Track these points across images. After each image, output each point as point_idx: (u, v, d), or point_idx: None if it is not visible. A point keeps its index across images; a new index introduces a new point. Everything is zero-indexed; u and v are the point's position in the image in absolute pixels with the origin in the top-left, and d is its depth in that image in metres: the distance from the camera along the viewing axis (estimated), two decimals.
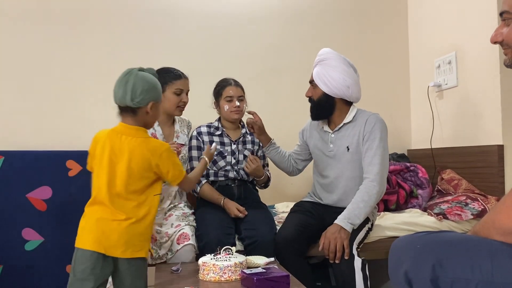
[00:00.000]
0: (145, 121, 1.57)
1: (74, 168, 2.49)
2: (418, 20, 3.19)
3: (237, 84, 2.35)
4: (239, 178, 2.33)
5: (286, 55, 3.10)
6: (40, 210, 2.42)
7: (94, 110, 2.79)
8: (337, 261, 1.90)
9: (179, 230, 2.04)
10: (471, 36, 2.61)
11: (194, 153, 2.32)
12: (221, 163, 2.31)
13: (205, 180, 2.30)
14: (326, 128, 2.22)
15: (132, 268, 1.48)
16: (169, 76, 2.15)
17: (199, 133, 2.35)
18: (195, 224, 2.16)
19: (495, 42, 1.18)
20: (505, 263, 0.97)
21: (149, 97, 1.53)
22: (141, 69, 1.55)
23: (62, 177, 2.46)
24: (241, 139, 2.39)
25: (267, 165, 2.50)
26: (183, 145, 2.30)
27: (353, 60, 2.20)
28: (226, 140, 2.35)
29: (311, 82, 2.19)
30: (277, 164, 2.38)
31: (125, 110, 1.54)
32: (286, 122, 2.99)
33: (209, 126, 2.39)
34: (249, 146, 2.40)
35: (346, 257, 1.89)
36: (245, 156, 2.35)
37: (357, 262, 1.89)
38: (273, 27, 3.10)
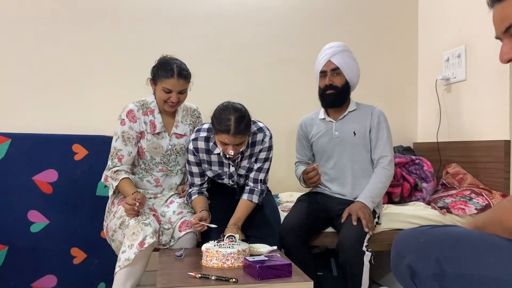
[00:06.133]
0: None
1: (80, 152, 2.51)
2: (428, 12, 3.15)
3: (237, 132, 1.85)
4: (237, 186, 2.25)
5: (294, 46, 3.08)
6: (45, 192, 2.44)
7: (101, 96, 2.81)
8: (370, 231, 1.97)
9: (181, 218, 2.05)
10: (481, 29, 2.57)
11: (194, 169, 2.12)
12: (219, 181, 2.20)
13: (197, 196, 2.11)
14: (328, 118, 2.28)
15: None
16: (163, 72, 2.06)
17: (196, 149, 2.07)
18: None
19: (507, 61, 1.08)
20: (509, 259, 0.96)
21: None
22: None
23: (68, 161, 2.49)
24: (238, 158, 2.10)
25: (267, 171, 2.16)
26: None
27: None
28: (225, 161, 2.10)
29: (335, 69, 2.18)
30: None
31: None
32: (293, 112, 2.97)
33: (207, 139, 2.06)
34: (244, 162, 2.11)
35: (371, 232, 1.98)
36: (240, 176, 2.16)
37: (367, 256, 1.92)
38: (282, 17, 3.07)
